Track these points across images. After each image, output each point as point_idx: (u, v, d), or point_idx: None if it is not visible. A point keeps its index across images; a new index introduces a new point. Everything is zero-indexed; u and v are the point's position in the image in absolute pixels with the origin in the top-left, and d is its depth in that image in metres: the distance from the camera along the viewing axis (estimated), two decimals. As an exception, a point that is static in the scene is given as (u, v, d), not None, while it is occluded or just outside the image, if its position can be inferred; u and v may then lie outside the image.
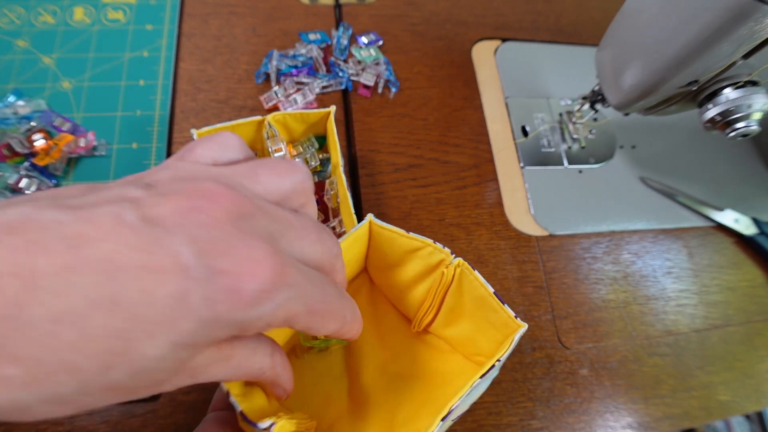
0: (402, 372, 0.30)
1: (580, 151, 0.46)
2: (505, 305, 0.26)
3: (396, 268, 0.30)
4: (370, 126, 0.42)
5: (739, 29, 0.26)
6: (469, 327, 0.29)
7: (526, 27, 0.50)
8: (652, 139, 0.48)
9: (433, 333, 0.32)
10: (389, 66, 0.44)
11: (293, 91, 0.41)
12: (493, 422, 0.34)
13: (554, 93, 0.48)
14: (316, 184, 0.36)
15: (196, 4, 0.44)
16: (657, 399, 0.38)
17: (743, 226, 0.44)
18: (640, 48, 0.32)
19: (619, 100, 0.36)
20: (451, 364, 0.30)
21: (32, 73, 0.38)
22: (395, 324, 0.32)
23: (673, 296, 0.42)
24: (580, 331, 0.38)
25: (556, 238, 0.41)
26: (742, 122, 0.32)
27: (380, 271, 0.31)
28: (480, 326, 0.28)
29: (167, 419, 0.31)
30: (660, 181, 0.46)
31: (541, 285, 0.39)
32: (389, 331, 0.32)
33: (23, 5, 0.41)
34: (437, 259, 0.28)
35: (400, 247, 0.28)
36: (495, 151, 0.44)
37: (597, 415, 0.36)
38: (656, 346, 0.39)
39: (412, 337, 0.32)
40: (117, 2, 0.43)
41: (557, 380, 0.36)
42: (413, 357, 0.31)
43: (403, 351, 0.31)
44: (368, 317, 0.32)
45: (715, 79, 0.32)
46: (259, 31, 0.44)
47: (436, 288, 0.28)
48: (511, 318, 0.26)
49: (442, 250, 0.27)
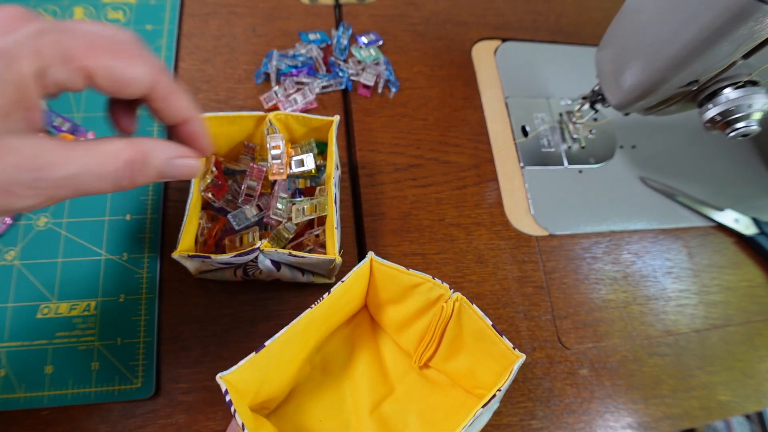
0: (405, 407, 0.31)
1: (580, 151, 0.46)
2: (503, 337, 0.27)
3: (396, 303, 0.30)
4: (370, 126, 0.42)
5: (739, 29, 0.26)
6: (469, 360, 0.30)
7: (526, 27, 0.50)
8: (652, 139, 0.48)
9: (434, 367, 0.32)
10: (389, 66, 0.44)
11: (293, 91, 0.41)
12: (493, 422, 0.34)
13: (554, 93, 0.48)
14: (307, 189, 0.36)
15: (196, 4, 0.44)
16: (657, 399, 0.38)
17: (743, 226, 0.44)
18: (640, 48, 0.32)
19: (619, 100, 0.36)
20: (453, 399, 0.31)
21: (32, 73, 0.38)
22: (396, 359, 0.33)
23: (673, 296, 0.42)
24: (580, 331, 0.38)
25: (556, 238, 0.41)
26: (742, 122, 0.32)
27: (380, 308, 0.32)
28: (479, 359, 0.29)
29: (167, 419, 0.31)
30: (660, 181, 0.46)
31: (541, 285, 0.39)
32: (391, 366, 0.33)
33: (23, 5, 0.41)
34: (437, 294, 0.28)
35: (401, 283, 0.29)
36: (495, 151, 0.44)
37: (597, 415, 0.36)
38: (656, 346, 0.39)
39: (414, 372, 0.33)
40: (117, 2, 0.43)
41: (557, 380, 0.36)
42: (415, 391, 0.32)
43: (406, 385, 0.32)
44: (369, 353, 0.33)
45: (715, 79, 0.32)
46: (259, 31, 0.44)
47: (437, 322, 0.29)
48: (509, 349, 0.27)
49: (441, 285, 0.28)
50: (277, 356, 0.26)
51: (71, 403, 0.30)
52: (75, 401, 0.30)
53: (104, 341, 0.32)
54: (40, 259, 0.33)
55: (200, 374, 0.32)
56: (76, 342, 0.31)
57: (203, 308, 0.34)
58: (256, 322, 0.34)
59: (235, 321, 0.34)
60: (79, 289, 0.33)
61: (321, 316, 0.28)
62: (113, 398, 0.31)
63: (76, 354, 0.31)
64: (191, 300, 0.34)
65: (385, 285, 0.30)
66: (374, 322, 0.34)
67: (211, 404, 0.32)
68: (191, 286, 0.34)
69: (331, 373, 0.31)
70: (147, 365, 0.32)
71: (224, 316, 0.34)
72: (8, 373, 0.30)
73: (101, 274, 0.33)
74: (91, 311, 0.32)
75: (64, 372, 0.31)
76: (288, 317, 0.34)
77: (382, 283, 0.30)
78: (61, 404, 0.30)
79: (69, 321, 0.32)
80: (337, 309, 0.29)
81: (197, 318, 0.34)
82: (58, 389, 0.30)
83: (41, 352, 0.31)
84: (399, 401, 0.31)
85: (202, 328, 0.33)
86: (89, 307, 0.32)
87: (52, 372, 0.31)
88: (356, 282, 0.29)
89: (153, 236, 0.35)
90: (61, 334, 0.32)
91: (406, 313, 0.30)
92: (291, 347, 0.27)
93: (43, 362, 0.31)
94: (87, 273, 0.33)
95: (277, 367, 0.26)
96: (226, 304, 0.34)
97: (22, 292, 0.32)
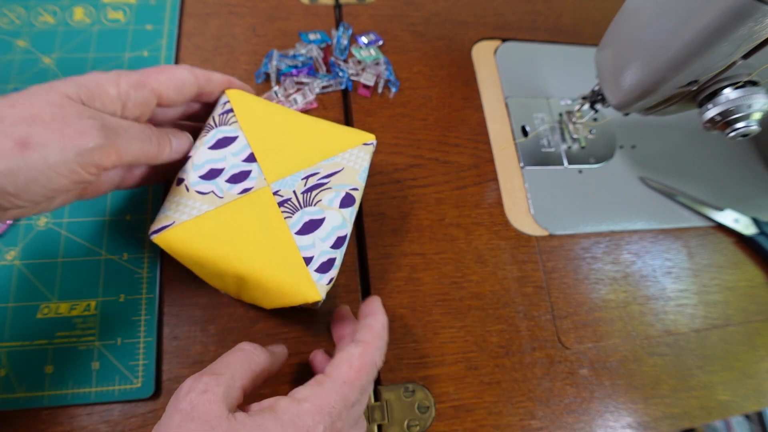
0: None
1: (580, 151, 0.46)
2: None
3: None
4: (370, 126, 0.42)
5: (739, 29, 0.26)
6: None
7: (525, 27, 0.50)
8: (652, 139, 0.48)
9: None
10: (389, 66, 0.44)
11: (293, 91, 0.41)
12: (493, 422, 0.34)
13: (554, 93, 0.48)
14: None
15: (196, 4, 0.44)
16: (657, 399, 0.38)
17: (743, 226, 0.44)
18: (640, 48, 0.32)
19: (619, 100, 0.36)
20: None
21: (32, 73, 0.38)
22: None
23: (673, 296, 0.42)
24: (580, 331, 0.38)
25: (556, 238, 0.41)
26: (742, 122, 0.32)
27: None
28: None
29: (167, 419, 0.31)
30: (660, 181, 0.46)
31: (541, 285, 0.39)
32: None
33: (23, 5, 0.41)
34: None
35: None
36: (495, 151, 0.44)
37: (597, 415, 0.36)
38: (656, 346, 0.39)
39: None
40: (117, 2, 0.42)
41: (557, 380, 0.36)
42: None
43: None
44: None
45: (715, 79, 0.32)
46: (259, 31, 0.44)
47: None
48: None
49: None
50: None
51: (71, 403, 0.30)
52: (75, 401, 0.30)
53: (104, 341, 0.32)
54: (40, 259, 0.33)
55: (200, 374, 0.32)
56: (76, 342, 0.32)
57: (203, 308, 0.34)
58: (256, 322, 0.34)
59: (235, 321, 0.34)
60: (80, 289, 0.33)
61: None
62: (113, 398, 0.31)
63: (76, 354, 0.31)
64: (191, 300, 0.34)
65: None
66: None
67: (211, 404, 0.32)
68: (191, 286, 0.34)
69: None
70: (147, 365, 0.32)
71: (224, 316, 0.34)
72: (8, 373, 0.30)
73: (101, 274, 0.33)
74: (91, 311, 0.32)
75: (64, 372, 0.31)
76: (288, 316, 0.35)
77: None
78: (61, 404, 0.30)
79: (69, 321, 0.32)
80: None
81: (197, 318, 0.34)
82: (58, 389, 0.30)
83: (41, 352, 0.31)
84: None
85: (202, 328, 0.33)
86: (89, 307, 0.32)
87: (52, 372, 0.31)
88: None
89: (153, 236, 0.35)
90: (61, 334, 0.32)
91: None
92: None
93: (43, 362, 0.31)
94: (87, 273, 0.33)
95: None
96: (227, 304, 0.34)
97: (23, 292, 0.32)
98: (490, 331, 0.37)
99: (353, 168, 0.31)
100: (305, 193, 0.30)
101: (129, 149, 0.25)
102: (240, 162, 0.30)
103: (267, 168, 0.30)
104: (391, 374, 0.34)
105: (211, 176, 0.29)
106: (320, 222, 0.29)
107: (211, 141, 0.30)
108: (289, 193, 0.29)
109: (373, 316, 0.28)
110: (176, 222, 0.28)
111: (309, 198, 0.30)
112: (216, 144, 0.30)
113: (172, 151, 0.28)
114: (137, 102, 0.26)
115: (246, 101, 0.32)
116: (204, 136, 0.30)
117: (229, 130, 0.30)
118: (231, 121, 0.31)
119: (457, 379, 0.35)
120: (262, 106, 0.32)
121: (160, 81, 0.27)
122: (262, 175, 0.30)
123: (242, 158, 0.30)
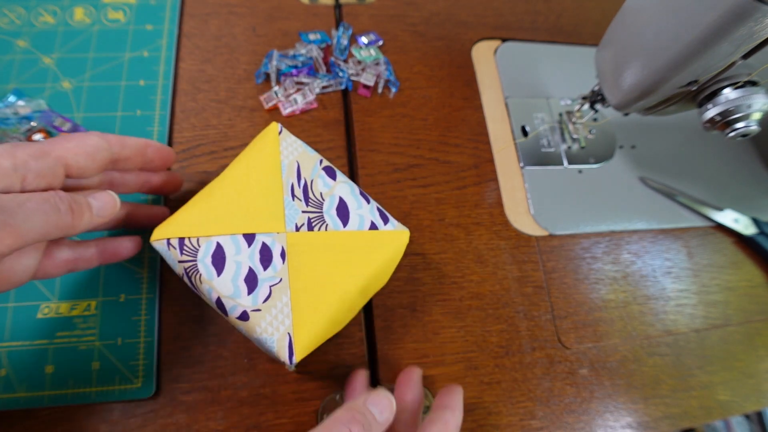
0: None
1: (580, 151, 0.46)
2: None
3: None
4: (370, 126, 0.42)
5: (739, 29, 0.26)
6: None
7: (525, 27, 0.50)
8: (652, 139, 0.48)
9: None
10: (389, 66, 0.44)
11: (293, 91, 0.41)
12: (493, 422, 0.34)
13: (554, 93, 0.48)
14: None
15: (196, 4, 0.44)
16: (656, 399, 0.38)
17: (743, 226, 0.44)
18: (640, 48, 0.32)
19: (618, 100, 0.36)
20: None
21: (32, 73, 0.38)
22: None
23: (673, 296, 0.42)
24: (579, 331, 0.38)
25: (556, 238, 0.41)
26: (741, 122, 0.32)
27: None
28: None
29: (167, 419, 0.31)
30: (660, 181, 0.46)
31: (541, 285, 0.39)
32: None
33: (23, 5, 0.41)
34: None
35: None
36: (495, 151, 0.44)
37: (597, 415, 0.36)
38: (656, 346, 0.39)
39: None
40: (117, 2, 0.43)
41: (557, 380, 0.36)
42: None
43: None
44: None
45: (715, 79, 0.32)
46: (258, 31, 0.44)
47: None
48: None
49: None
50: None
51: (71, 403, 0.30)
52: (75, 401, 0.30)
53: (105, 341, 0.32)
54: (40, 259, 0.33)
55: (200, 374, 0.32)
56: (76, 342, 0.32)
57: (203, 308, 0.34)
58: (256, 322, 0.34)
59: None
60: (80, 289, 0.33)
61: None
62: (113, 398, 0.31)
63: (76, 354, 0.31)
64: (191, 300, 0.34)
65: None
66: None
67: (211, 404, 0.32)
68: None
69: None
70: (147, 365, 0.32)
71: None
72: (8, 372, 0.30)
73: (101, 274, 0.33)
74: (91, 311, 0.32)
75: (65, 372, 0.31)
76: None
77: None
78: (61, 404, 0.30)
79: (69, 321, 0.32)
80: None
81: (197, 318, 0.34)
82: (58, 389, 0.30)
83: (41, 351, 0.31)
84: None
85: (202, 328, 0.33)
86: (90, 306, 0.32)
87: (52, 372, 0.31)
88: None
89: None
90: (61, 333, 0.32)
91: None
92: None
93: (43, 362, 0.31)
94: (87, 273, 0.33)
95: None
96: (227, 304, 0.34)
97: (23, 292, 0.32)
98: (490, 331, 0.37)
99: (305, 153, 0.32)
100: (306, 199, 0.30)
101: (29, 225, 0.21)
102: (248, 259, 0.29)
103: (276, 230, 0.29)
104: (391, 374, 0.34)
105: (251, 280, 0.28)
106: (342, 201, 0.30)
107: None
108: (301, 219, 0.29)
109: (451, 411, 0.27)
110: (291, 334, 0.27)
111: (314, 199, 0.30)
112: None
113: (93, 216, 0.25)
114: (39, 173, 0.23)
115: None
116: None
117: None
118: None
119: (457, 379, 0.35)
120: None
121: (67, 148, 0.24)
122: (274, 234, 0.29)
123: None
